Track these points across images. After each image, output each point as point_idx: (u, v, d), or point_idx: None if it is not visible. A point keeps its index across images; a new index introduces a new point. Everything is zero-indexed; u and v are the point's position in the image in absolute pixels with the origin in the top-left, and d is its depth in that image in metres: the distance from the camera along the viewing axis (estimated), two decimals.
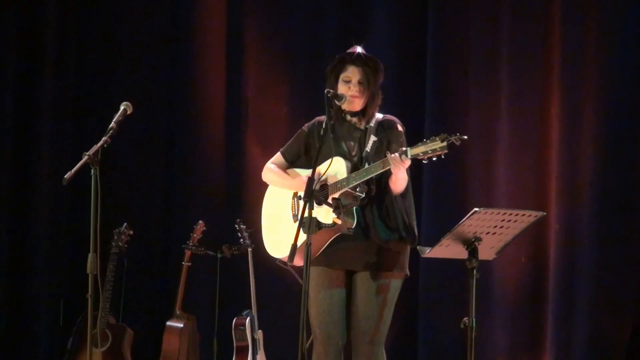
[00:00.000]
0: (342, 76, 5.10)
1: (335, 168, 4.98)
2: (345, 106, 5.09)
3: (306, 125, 5.28)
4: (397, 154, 4.81)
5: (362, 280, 5.08)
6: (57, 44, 7.97)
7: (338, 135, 5.12)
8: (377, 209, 5.04)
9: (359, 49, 5.15)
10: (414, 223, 5.12)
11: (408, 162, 4.84)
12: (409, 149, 4.82)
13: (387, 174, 4.96)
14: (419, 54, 7.56)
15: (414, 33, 7.63)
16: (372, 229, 5.02)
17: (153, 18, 8.16)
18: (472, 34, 7.42)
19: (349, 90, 5.07)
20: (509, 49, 7.28)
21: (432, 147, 4.73)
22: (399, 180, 4.96)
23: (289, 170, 5.28)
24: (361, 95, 5.08)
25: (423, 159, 4.77)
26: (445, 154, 4.72)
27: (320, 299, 5.08)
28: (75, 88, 8.06)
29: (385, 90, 5.17)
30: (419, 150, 4.78)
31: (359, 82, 5.08)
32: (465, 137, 4.70)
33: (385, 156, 4.86)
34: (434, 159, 4.75)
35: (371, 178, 4.94)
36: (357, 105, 5.11)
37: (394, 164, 4.82)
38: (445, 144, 4.70)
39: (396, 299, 5.12)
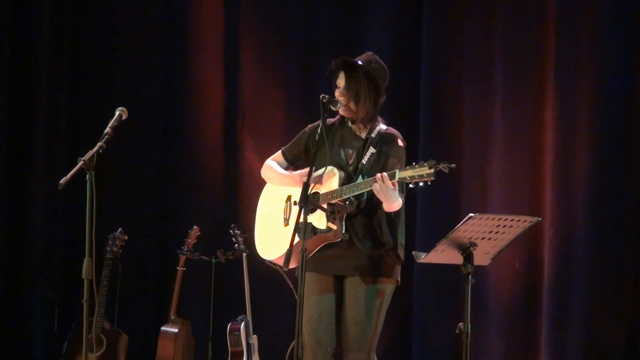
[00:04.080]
0: (336, 82, 5.13)
1: (327, 177, 5.00)
2: (340, 112, 5.11)
3: (309, 126, 5.28)
4: (383, 174, 4.83)
5: (352, 285, 5.07)
6: (51, 48, 7.97)
7: (338, 142, 5.14)
8: (367, 221, 5.04)
9: (367, 56, 5.14)
10: (402, 241, 5.12)
11: (390, 184, 4.82)
12: (397, 171, 4.84)
13: None
14: (413, 59, 7.57)
15: (409, 39, 7.64)
16: (361, 240, 5.02)
17: (149, 24, 8.16)
18: (467, 40, 7.43)
19: (337, 96, 5.09)
20: (503, 54, 7.29)
21: (419, 173, 4.76)
22: (389, 203, 4.92)
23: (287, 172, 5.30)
24: (346, 101, 5.08)
25: (410, 182, 4.80)
26: (431, 181, 4.74)
27: (309, 305, 5.05)
28: (71, 93, 8.06)
29: None
30: (406, 174, 4.80)
31: (344, 88, 5.09)
32: (454, 165, 4.74)
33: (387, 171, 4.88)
34: (421, 184, 4.78)
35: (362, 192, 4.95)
36: (347, 111, 5.11)
37: (378, 186, 4.82)
38: (432, 171, 4.73)
39: (387, 305, 5.10)
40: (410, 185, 4.83)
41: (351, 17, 7.80)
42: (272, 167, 5.31)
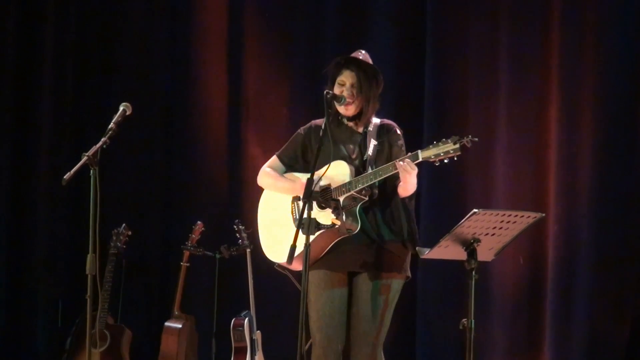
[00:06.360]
0: (338, 79, 5.10)
1: (337, 171, 4.97)
2: (340, 110, 5.08)
3: (302, 128, 5.25)
4: (405, 158, 4.82)
5: (364, 281, 5.06)
6: (56, 45, 7.97)
7: (337, 139, 5.09)
8: (381, 211, 5.03)
9: (361, 54, 5.14)
10: (416, 228, 5.12)
11: (414, 166, 4.83)
12: (419, 151, 4.83)
13: (394, 177, 4.94)
14: (418, 55, 7.56)
15: (413, 34, 7.63)
16: (375, 231, 5.02)
17: (153, 19, 8.15)
18: (471, 35, 7.42)
19: (342, 94, 5.05)
20: (507, 50, 7.28)
21: (444, 150, 4.76)
22: (409, 185, 4.94)
23: (286, 174, 5.25)
24: (353, 99, 5.06)
25: (435, 161, 4.79)
26: (457, 156, 4.74)
27: (321, 303, 5.06)
28: (75, 88, 8.06)
29: (384, 92, 5.17)
30: (430, 152, 4.80)
31: (352, 86, 5.06)
32: (477, 139, 4.74)
33: (393, 160, 4.86)
34: (446, 161, 4.77)
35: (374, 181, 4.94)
36: (351, 110, 5.08)
37: (403, 170, 4.82)
38: (457, 145, 4.73)
39: (396, 301, 5.11)
40: (436, 164, 4.82)
41: (356, 12, 7.79)
42: (270, 174, 5.26)
